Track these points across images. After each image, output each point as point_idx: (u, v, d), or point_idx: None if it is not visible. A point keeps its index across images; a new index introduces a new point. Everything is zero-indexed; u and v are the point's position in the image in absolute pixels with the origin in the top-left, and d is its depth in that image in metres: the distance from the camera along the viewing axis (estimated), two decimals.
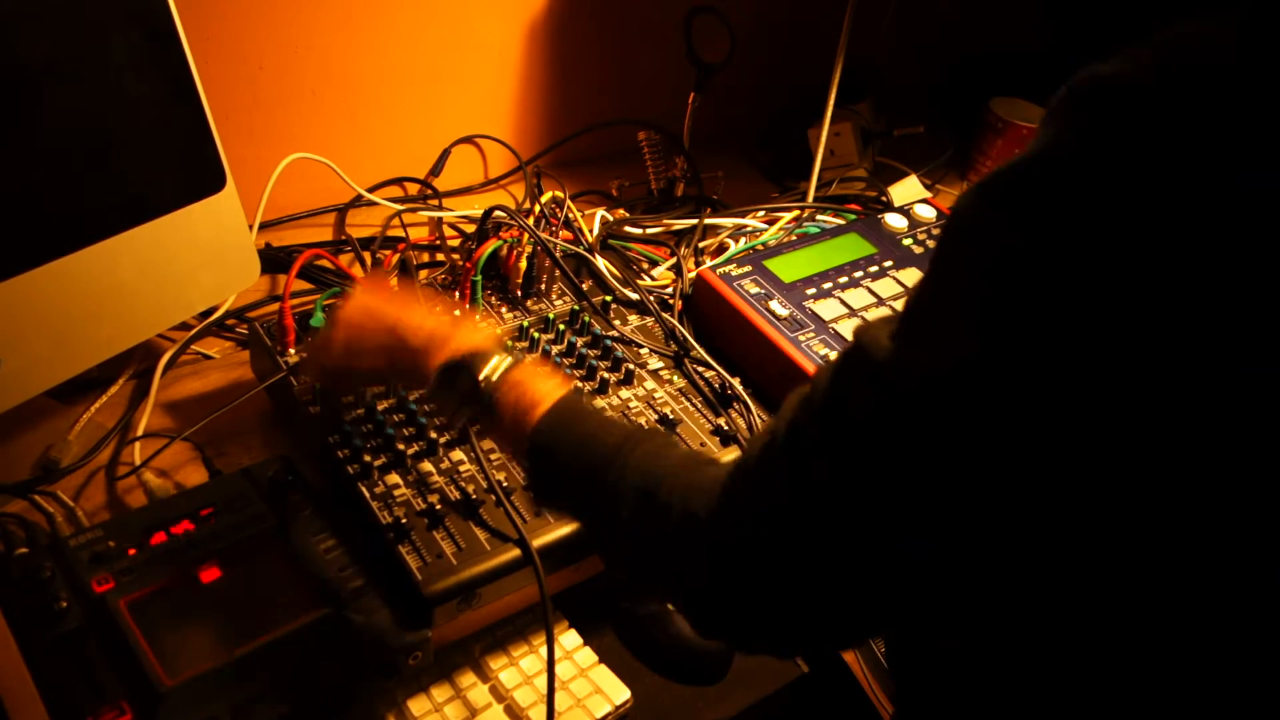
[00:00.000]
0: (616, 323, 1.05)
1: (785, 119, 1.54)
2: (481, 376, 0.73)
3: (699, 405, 0.97)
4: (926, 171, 1.58)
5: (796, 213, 1.30)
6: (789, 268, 1.08)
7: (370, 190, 1.31)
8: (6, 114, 0.75)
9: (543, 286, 1.06)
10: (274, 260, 1.16)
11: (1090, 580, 0.51)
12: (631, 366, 0.98)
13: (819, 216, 1.31)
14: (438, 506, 0.81)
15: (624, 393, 0.97)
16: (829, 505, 0.55)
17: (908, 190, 1.44)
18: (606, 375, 0.97)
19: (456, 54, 1.32)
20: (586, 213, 1.24)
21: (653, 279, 1.18)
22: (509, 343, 0.81)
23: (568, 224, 1.15)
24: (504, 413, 0.73)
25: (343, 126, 1.28)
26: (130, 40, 0.82)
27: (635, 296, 1.09)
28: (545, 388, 0.73)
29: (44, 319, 0.82)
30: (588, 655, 0.91)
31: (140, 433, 0.94)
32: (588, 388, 0.96)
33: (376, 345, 0.81)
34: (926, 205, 1.25)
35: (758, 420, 0.96)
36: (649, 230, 1.27)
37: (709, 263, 1.16)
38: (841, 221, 1.29)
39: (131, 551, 0.76)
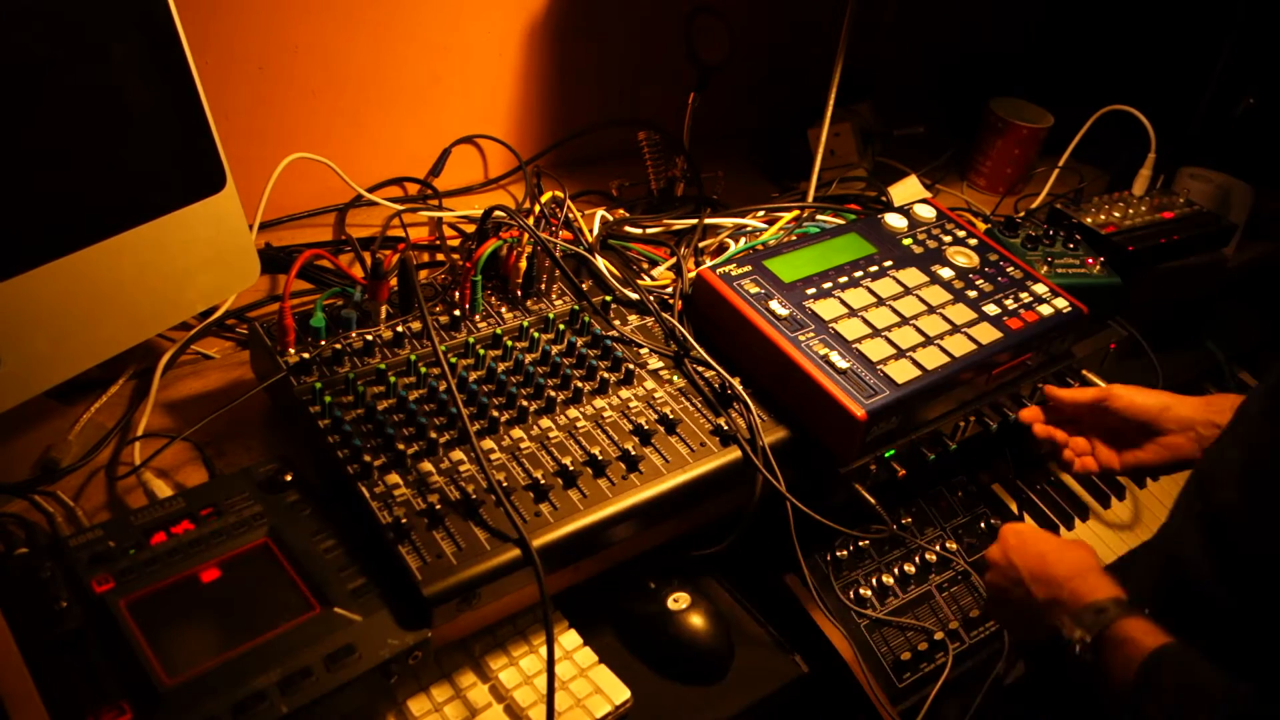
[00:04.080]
0: (616, 323, 1.05)
1: (785, 119, 1.54)
2: (1070, 637, 0.78)
3: (699, 405, 0.97)
4: (926, 171, 1.58)
5: (796, 213, 1.30)
6: (789, 268, 1.08)
7: (370, 190, 1.31)
8: (7, 114, 0.75)
9: (543, 286, 1.06)
10: (274, 260, 1.16)
11: None
12: (631, 366, 0.98)
13: (819, 216, 1.31)
14: (438, 506, 0.81)
15: (624, 393, 0.97)
16: None
17: (908, 190, 1.44)
18: (606, 375, 0.97)
19: (457, 54, 1.32)
20: (586, 213, 1.24)
21: (653, 279, 1.18)
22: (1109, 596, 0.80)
23: (568, 224, 1.15)
24: (1108, 676, 0.75)
25: (343, 126, 1.28)
26: (130, 40, 0.82)
27: (635, 296, 1.09)
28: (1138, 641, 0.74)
29: (44, 319, 0.82)
30: (588, 655, 0.91)
31: (140, 433, 0.94)
32: (587, 388, 0.96)
33: (1011, 598, 0.88)
34: (926, 205, 1.25)
35: (758, 420, 0.96)
36: (649, 230, 1.27)
37: (709, 263, 1.16)
38: (841, 221, 1.29)
39: (131, 551, 0.76)
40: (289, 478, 0.84)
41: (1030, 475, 1.28)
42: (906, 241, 1.18)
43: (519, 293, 1.05)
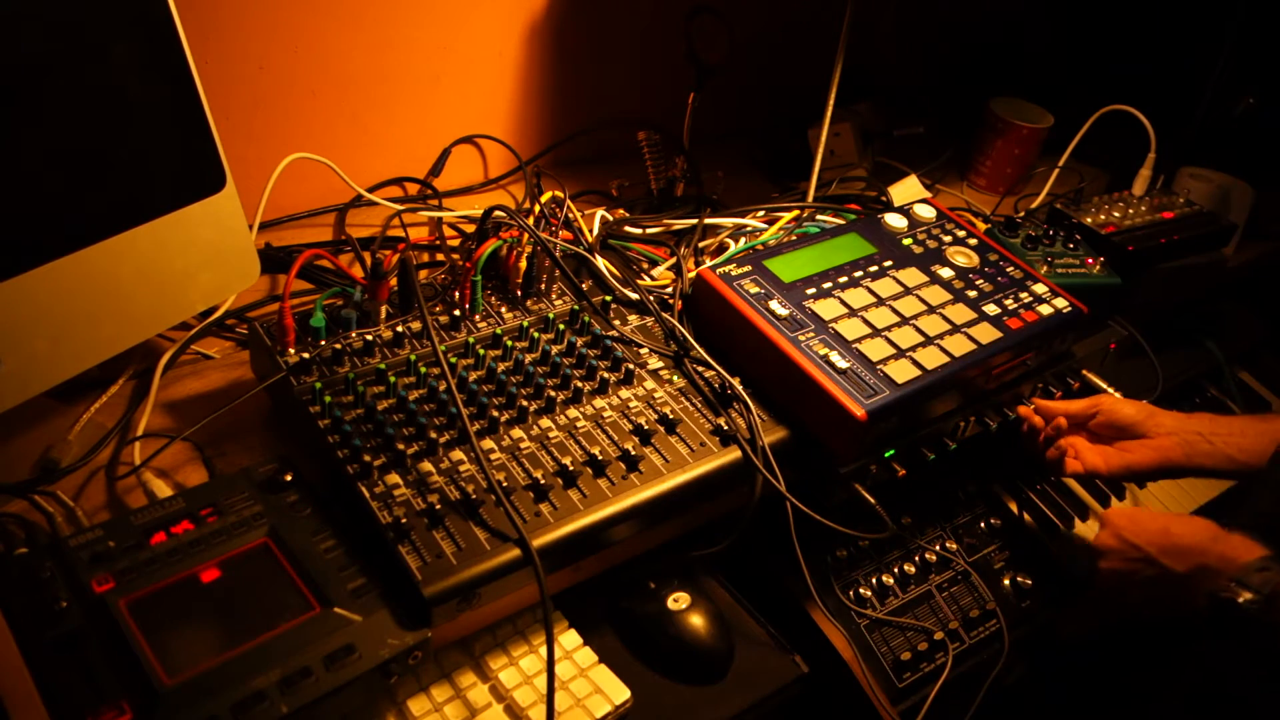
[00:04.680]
0: (616, 323, 1.05)
1: (785, 119, 1.54)
2: (1240, 601, 0.79)
3: (699, 405, 0.97)
4: (926, 171, 1.58)
5: (796, 213, 1.30)
6: (789, 268, 1.08)
7: (370, 190, 1.31)
8: (6, 114, 0.75)
9: (543, 286, 1.06)
10: (274, 260, 1.16)
11: None
12: (631, 366, 0.98)
13: (819, 216, 1.31)
14: (438, 506, 0.81)
15: (624, 392, 0.97)
16: None
17: (908, 190, 1.44)
18: (606, 375, 0.97)
19: (457, 54, 1.32)
20: (586, 213, 1.24)
21: (653, 279, 1.18)
22: (1260, 554, 0.83)
23: (568, 224, 1.15)
24: None
25: (343, 126, 1.28)
26: (130, 40, 0.82)
27: (635, 296, 1.09)
28: None
29: (44, 319, 0.82)
30: (588, 655, 0.91)
31: (140, 433, 0.94)
32: (587, 388, 0.96)
33: (1142, 578, 0.88)
34: (926, 205, 1.25)
35: (758, 420, 0.96)
36: (649, 230, 1.27)
37: (709, 263, 1.16)
38: (841, 221, 1.29)
39: (131, 551, 0.76)
40: (289, 478, 0.84)
41: (1030, 475, 1.28)
42: (906, 241, 1.18)
43: (519, 293, 1.05)
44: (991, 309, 1.10)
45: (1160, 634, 1.39)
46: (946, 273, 1.14)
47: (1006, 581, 1.14)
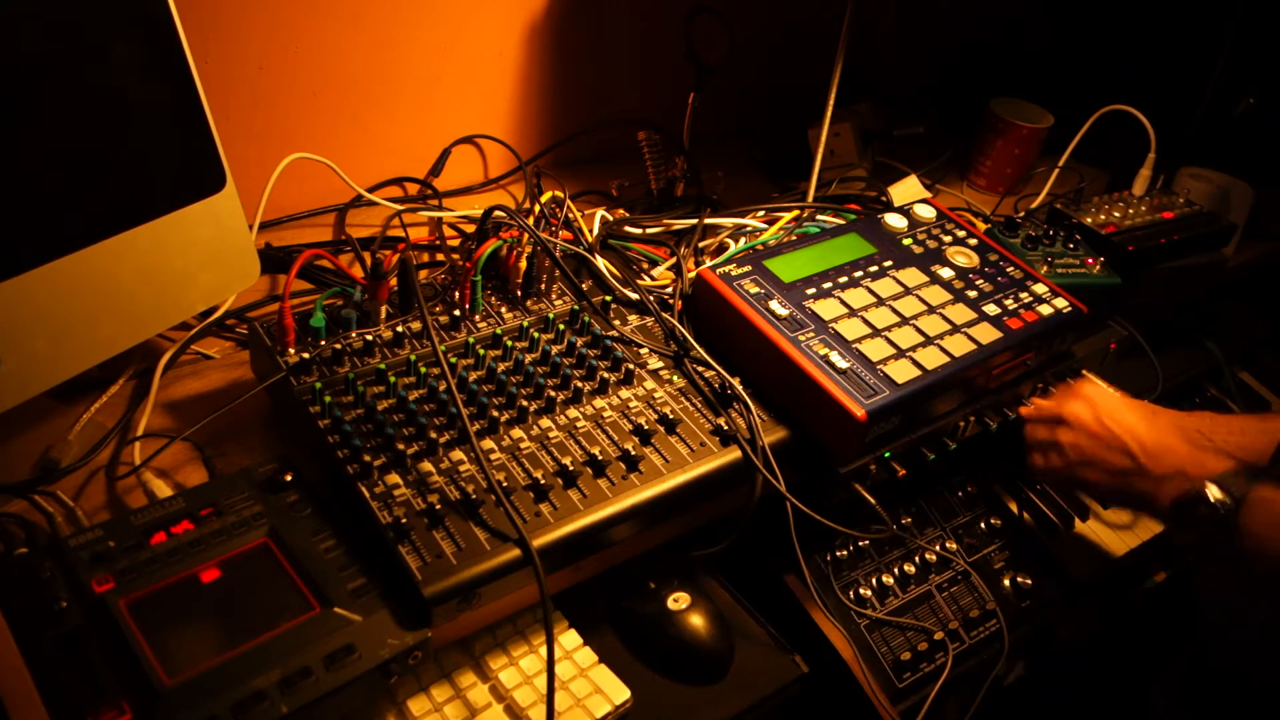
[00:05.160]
0: (616, 323, 1.05)
1: (785, 119, 1.54)
2: (1212, 498, 0.81)
3: (699, 405, 0.97)
4: (926, 171, 1.58)
5: (796, 213, 1.30)
6: (789, 268, 1.08)
7: (370, 190, 1.31)
8: (6, 114, 0.75)
9: (543, 286, 1.06)
10: (274, 260, 1.16)
11: None
12: (631, 366, 0.98)
13: (819, 216, 1.31)
14: (438, 506, 0.81)
15: (624, 393, 0.97)
16: None
17: (908, 190, 1.44)
18: (606, 375, 0.97)
19: (457, 54, 1.32)
20: (586, 213, 1.24)
21: (653, 279, 1.18)
22: (1232, 465, 0.86)
23: (568, 224, 1.15)
24: (1249, 540, 0.78)
25: (343, 126, 1.28)
26: (130, 40, 0.82)
27: (635, 296, 1.09)
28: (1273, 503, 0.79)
29: (44, 319, 0.82)
30: (588, 655, 0.91)
31: (140, 433, 0.94)
32: (587, 388, 0.96)
33: (1110, 465, 0.89)
34: (926, 205, 1.25)
35: (758, 420, 0.96)
36: (649, 230, 1.27)
37: (709, 263, 1.16)
38: (841, 221, 1.29)
39: (131, 551, 0.76)
40: (289, 478, 0.84)
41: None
42: (906, 241, 1.18)
43: (519, 293, 1.05)
44: (991, 309, 1.10)
45: (1159, 634, 1.39)
46: (946, 273, 1.14)
47: (1006, 581, 1.14)
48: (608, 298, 1.07)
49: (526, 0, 1.34)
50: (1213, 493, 0.83)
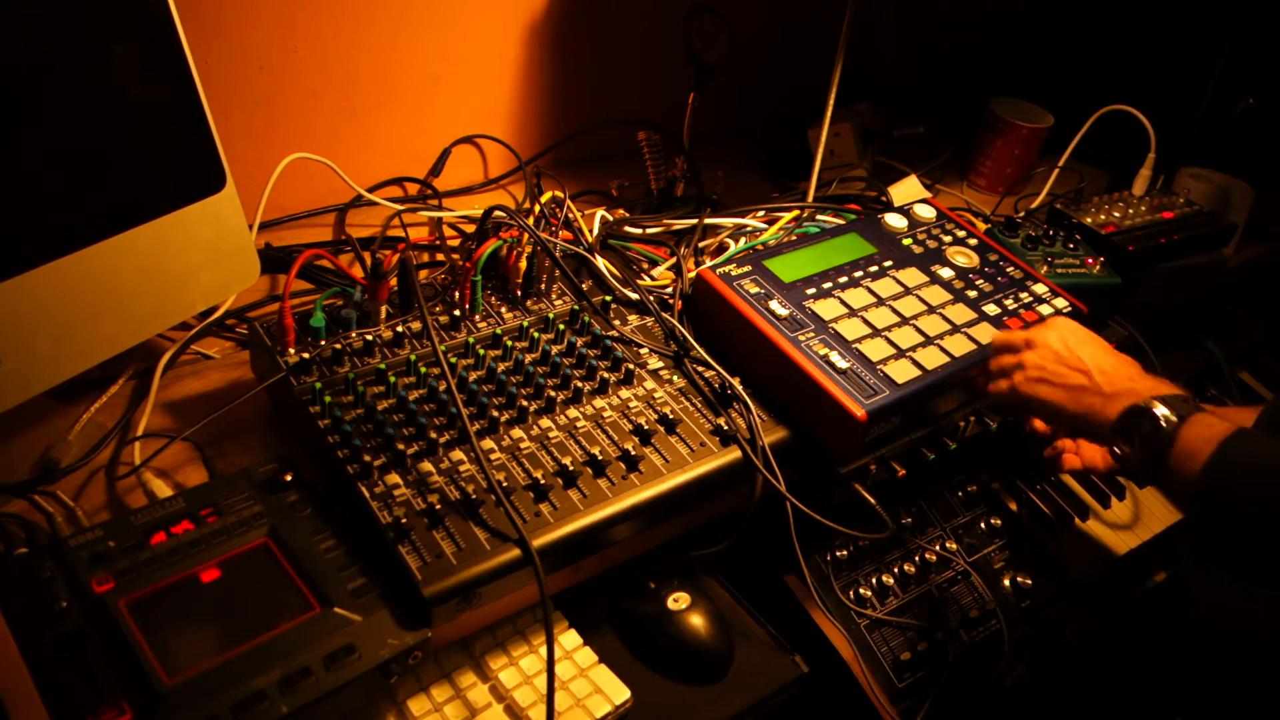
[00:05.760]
0: (616, 323, 1.05)
1: (785, 119, 1.54)
2: (1158, 414, 0.85)
3: (699, 405, 0.97)
4: (926, 171, 1.58)
5: (796, 213, 1.30)
6: (789, 268, 1.08)
7: (370, 190, 1.31)
8: (7, 114, 0.75)
9: (543, 286, 1.06)
10: (274, 260, 1.16)
11: None
12: (631, 366, 0.98)
13: (819, 216, 1.31)
14: (438, 506, 0.81)
15: (624, 393, 0.97)
16: None
17: (908, 190, 1.44)
18: (606, 375, 0.97)
19: (457, 54, 1.32)
20: (586, 213, 1.24)
21: (653, 279, 1.18)
22: (1181, 393, 0.90)
23: (568, 224, 1.15)
24: (1182, 447, 0.83)
25: (343, 126, 1.28)
26: (130, 40, 0.82)
27: (635, 296, 1.09)
28: (1221, 427, 0.83)
29: (44, 319, 0.82)
30: (588, 655, 0.91)
31: (140, 433, 0.94)
32: (587, 388, 0.96)
33: (1065, 382, 0.93)
34: (926, 205, 1.25)
35: (758, 420, 0.96)
36: (649, 230, 1.27)
37: (709, 263, 1.16)
38: (841, 221, 1.29)
39: (131, 551, 0.76)
40: (289, 478, 0.84)
41: (1030, 475, 1.28)
42: (906, 241, 1.18)
43: (519, 293, 1.05)
44: (991, 309, 1.10)
45: (1159, 634, 1.39)
46: (946, 273, 1.14)
47: (1006, 581, 1.14)
48: (608, 298, 1.07)
49: (526, 0, 1.34)
50: (1159, 409, 0.86)
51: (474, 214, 1.26)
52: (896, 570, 1.09)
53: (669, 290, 1.13)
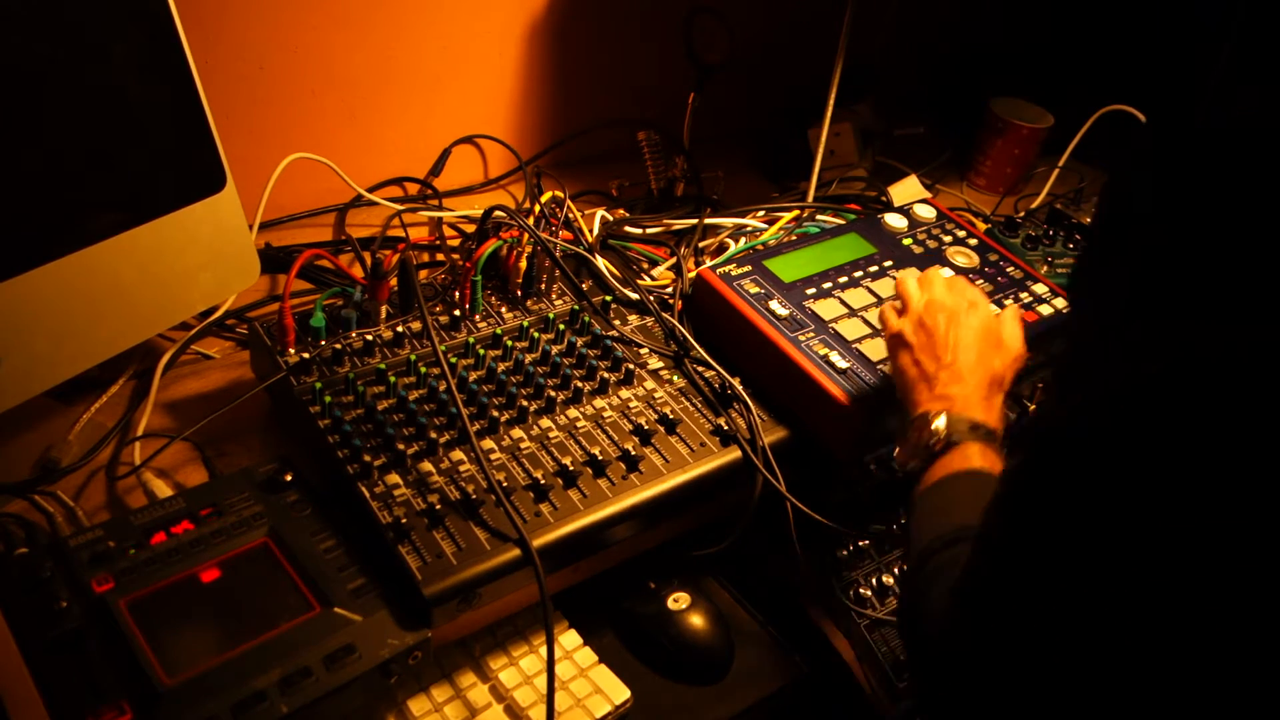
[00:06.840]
0: (616, 323, 1.05)
1: (785, 119, 1.54)
2: (934, 427, 0.80)
3: (699, 405, 0.97)
4: (926, 171, 1.58)
5: (796, 213, 1.30)
6: (789, 268, 1.08)
7: (370, 190, 1.31)
8: (7, 114, 0.75)
9: (543, 286, 1.06)
10: (274, 260, 1.16)
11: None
12: (631, 366, 0.98)
13: (819, 216, 1.31)
14: (438, 506, 0.81)
15: (624, 393, 0.97)
16: None
17: (908, 190, 1.44)
18: (606, 375, 0.97)
19: (456, 54, 1.32)
20: (586, 213, 1.24)
21: (653, 279, 1.18)
22: (987, 423, 0.82)
23: (568, 224, 1.15)
24: (930, 472, 0.79)
25: (343, 126, 1.28)
26: (130, 40, 0.83)
27: (635, 296, 1.09)
28: (960, 462, 0.78)
29: (44, 319, 0.82)
30: (588, 655, 0.91)
31: (140, 433, 0.94)
32: (587, 388, 0.96)
33: (921, 364, 0.86)
34: (926, 205, 1.25)
35: (758, 420, 0.96)
36: (649, 230, 1.27)
37: (709, 263, 1.16)
38: (841, 221, 1.29)
39: (131, 551, 0.76)
40: (289, 478, 0.84)
41: None
42: (906, 241, 1.18)
43: (519, 293, 1.05)
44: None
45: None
46: (946, 273, 1.14)
47: None
48: (608, 298, 1.07)
49: (526, 0, 1.34)
50: (937, 423, 0.80)
51: (474, 214, 1.26)
52: (897, 570, 1.09)
53: (669, 290, 1.13)
